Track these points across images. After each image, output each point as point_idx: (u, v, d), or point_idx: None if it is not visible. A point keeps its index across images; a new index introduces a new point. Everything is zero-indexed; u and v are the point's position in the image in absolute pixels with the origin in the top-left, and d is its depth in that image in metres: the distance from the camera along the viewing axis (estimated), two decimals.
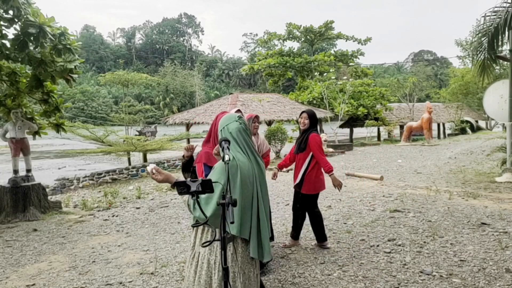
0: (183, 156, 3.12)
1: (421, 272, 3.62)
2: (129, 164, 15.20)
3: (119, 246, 4.98)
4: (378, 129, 26.02)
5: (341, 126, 22.96)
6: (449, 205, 5.94)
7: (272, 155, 14.80)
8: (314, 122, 4.28)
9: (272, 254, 4.17)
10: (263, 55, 28.99)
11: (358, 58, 30.00)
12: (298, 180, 4.29)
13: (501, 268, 3.61)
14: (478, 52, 8.20)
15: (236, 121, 2.36)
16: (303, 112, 4.28)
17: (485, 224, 4.92)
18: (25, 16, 5.57)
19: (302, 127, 4.28)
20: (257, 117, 4.11)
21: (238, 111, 3.70)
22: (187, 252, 2.29)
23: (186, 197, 2.17)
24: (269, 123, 17.41)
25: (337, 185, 4.22)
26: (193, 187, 1.91)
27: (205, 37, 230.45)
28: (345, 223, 5.36)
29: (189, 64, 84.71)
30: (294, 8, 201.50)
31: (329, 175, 4.19)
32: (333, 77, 23.27)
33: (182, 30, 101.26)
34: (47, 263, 4.44)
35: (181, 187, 1.93)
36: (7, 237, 5.55)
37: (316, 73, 25.71)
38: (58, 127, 7.59)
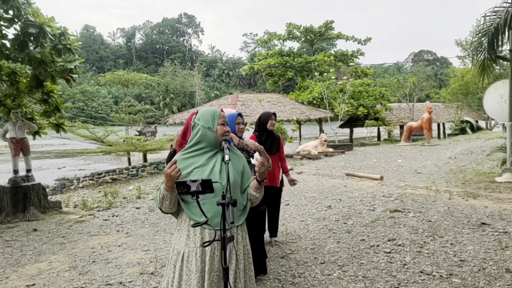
0: (171, 145, 3.27)
1: (421, 272, 3.62)
2: (129, 164, 15.22)
3: (119, 246, 4.98)
4: (378, 129, 26.03)
5: (341, 126, 22.97)
6: (449, 205, 5.94)
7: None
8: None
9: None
10: (263, 55, 28.98)
11: (358, 58, 30.03)
12: (280, 179, 4.52)
13: (501, 268, 3.61)
14: (478, 52, 8.20)
15: None
16: (274, 113, 4.40)
17: (485, 224, 4.92)
18: (25, 16, 5.57)
19: (271, 128, 4.35)
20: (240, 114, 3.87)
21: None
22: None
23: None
24: None
25: (291, 181, 4.61)
26: (193, 187, 1.91)
27: (205, 37, 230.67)
28: (345, 223, 5.36)
29: (189, 64, 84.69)
30: (294, 8, 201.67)
31: (286, 175, 4.61)
32: (333, 77, 23.26)
33: (182, 30, 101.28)
34: (47, 263, 4.44)
35: (181, 187, 1.93)
36: (7, 237, 5.55)
37: (316, 73, 25.70)
38: (58, 127, 7.59)
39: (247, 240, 2.24)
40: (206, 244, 2.02)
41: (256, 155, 2.14)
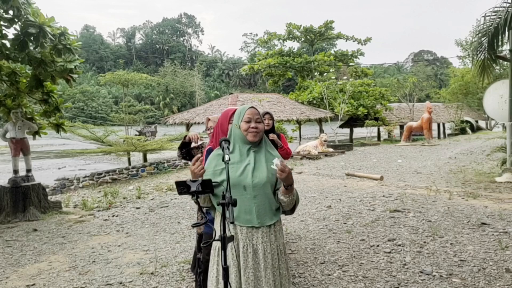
0: (185, 137, 3.41)
1: (421, 272, 3.62)
2: (129, 164, 15.21)
3: (119, 246, 4.98)
4: (378, 129, 26.02)
5: (341, 126, 22.97)
6: (449, 205, 5.94)
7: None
8: (273, 124, 4.40)
9: None
10: (263, 55, 28.99)
11: (358, 58, 30.04)
12: None
13: (501, 268, 3.61)
14: (478, 52, 8.20)
15: None
16: (266, 113, 4.26)
17: (485, 224, 4.92)
18: (25, 16, 5.57)
19: (266, 128, 4.25)
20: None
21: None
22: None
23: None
24: None
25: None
26: (193, 187, 1.90)
27: (205, 37, 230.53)
28: (345, 223, 5.36)
29: (189, 64, 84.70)
30: (294, 8, 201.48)
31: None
32: (333, 77, 23.27)
33: (182, 30, 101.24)
34: (47, 263, 4.44)
35: (181, 187, 1.92)
36: (7, 237, 5.55)
37: (316, 73, 25.71)
38: (58, 127, 7.58)
39: (282, 240, 2.21)
40: (206, 244, 2.03)
41: (276, 161, 2.10)
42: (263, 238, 2.10)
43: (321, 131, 19.53)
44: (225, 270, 1.93)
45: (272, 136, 4.17)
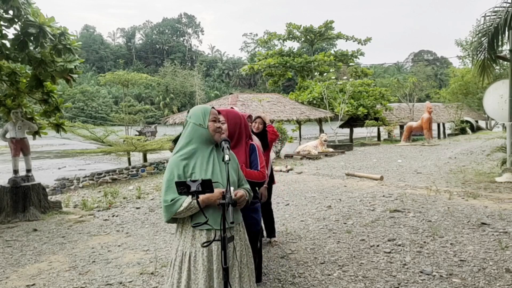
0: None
1: (421, 272, 3.62)
2: (129, 164, 15.21)
3: (119, 246, 4.98)
4: (378, 129, 26.02)
5: (341, 126, 22.97)
6: (449, 205, 5.94)
7: (272, 155, 14.78)
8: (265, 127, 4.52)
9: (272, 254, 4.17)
10: (263, 55, 29.01)
11: (358, 58, 30.07)
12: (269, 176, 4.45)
13: (501, 268, 3.60)
14: (478, 52, 8.20)
15: None
16: (258, 117, 4.43)
17: (485, 224, 4.92)
18: (25, 16, 5.57)
19: (256, 131, 4.38)
20: (250, 116, 4.09)
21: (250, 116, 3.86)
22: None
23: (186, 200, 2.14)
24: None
25: None
26: (193, 187, 1.91)
27: (204, 37, 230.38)
28: (345, 223, 5.35)
29: (189, 64, 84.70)
30: (294, 8, 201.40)
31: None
32: (333, 77, 23.27)
33: (182, 30, 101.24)
34: (47, 263, 4.44)
35: (181, 187, 1.92)
36: (7, 237, 5.55)
37: (316, 73, 25.72)
38: (58, 127, 7.59)
39: (246, 235, 2.29)
40: (206, 244, 2.02)
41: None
42: (235, 237, 2.14)
43: (321, 131, 19.53)
44: (225, 271, 1.93)
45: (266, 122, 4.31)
